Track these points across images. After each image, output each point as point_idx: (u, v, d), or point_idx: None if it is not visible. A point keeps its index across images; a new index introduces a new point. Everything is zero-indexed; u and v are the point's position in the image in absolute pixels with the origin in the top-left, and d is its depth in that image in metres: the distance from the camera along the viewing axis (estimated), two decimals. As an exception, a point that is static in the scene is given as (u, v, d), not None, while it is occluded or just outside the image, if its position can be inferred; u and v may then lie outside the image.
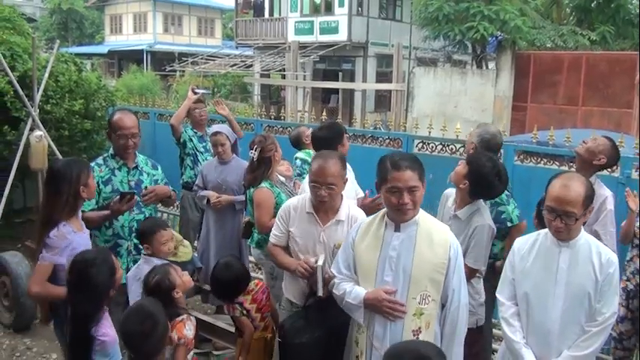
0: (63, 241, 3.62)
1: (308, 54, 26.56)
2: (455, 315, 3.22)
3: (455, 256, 3.22)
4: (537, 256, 3.31)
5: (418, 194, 3.18)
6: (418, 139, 7.04)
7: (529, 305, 3.30)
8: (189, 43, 42.21)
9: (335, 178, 3.65)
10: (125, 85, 23.47)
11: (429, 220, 3.33)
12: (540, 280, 3.27)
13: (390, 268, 3.23)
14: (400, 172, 3.14)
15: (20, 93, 6.95)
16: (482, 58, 21.29)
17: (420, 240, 3.22)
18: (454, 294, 3.21)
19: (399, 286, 3.20)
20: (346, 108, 25.88)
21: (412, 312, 3.19)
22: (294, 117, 11.61)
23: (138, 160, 4.72)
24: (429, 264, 3.19)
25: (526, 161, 6.32)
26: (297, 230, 3.87)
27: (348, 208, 3.85)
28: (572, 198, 3.09)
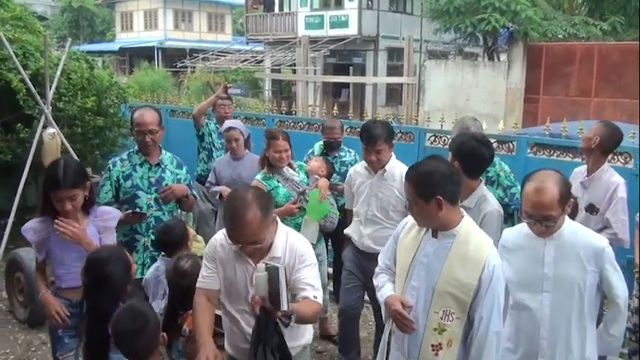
0: (32, 236, 3.68)
1: (318, 48, 26.53)
2: (482, 342, 2.93)
3: (488, 278, 2.91)
4: (523, 249, 3.28)
5: (415, 210, 3.07)
6: (430, 133, 7.02)
7: (517, 299, 3.28)
8: (200, 39, 42.23)
9: (255, 235, 2.97)
10: (137, 82, 23.48)
11: (472, 233, 3.07)
12: (527, 274, 3.24)
13: (419, 274, 3.08)
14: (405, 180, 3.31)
15: (33, 91, 7.00)
16: (493, 50, 21.17)
17: (453, 253, 3.00)
18: (482, 319, 2.92)
19: (422, 295, 3.05)
20: (357, 102, 25.81)
21: (433, 326, 3.01)
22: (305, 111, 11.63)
23: (162, 158, 4.72)
24: (456, 282, 2.96)
25: (539, 153, 6.30)
26: (224, 272, 3.24)
27: (286, 236, 3.21)
28: (548, 201, 3.03)
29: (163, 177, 4.67)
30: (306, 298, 3.08)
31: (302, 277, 3.13)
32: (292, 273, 3.11)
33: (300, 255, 3.17)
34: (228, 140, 5.87)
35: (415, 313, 3.07)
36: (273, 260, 3.05)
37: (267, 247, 3.12)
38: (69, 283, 3.73)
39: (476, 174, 4.11)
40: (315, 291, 3.12)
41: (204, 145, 6.72)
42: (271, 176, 5.06)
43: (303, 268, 3.15)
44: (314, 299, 3.08)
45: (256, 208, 2.93)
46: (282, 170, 5.09)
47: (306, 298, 3.07)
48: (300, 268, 3.14)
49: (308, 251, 3.23)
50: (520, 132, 8.16)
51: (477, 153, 4.05)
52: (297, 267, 3.14)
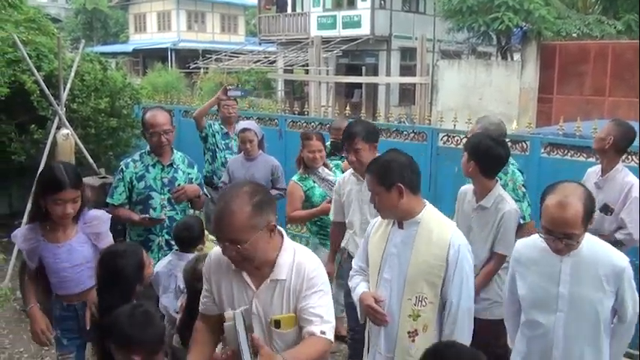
0: (21, 244, 3.62)
1: (331, 49, 26.53)
2: (454, 319, 3.06)
3: (455, 257, 3.04)
4: (537, 264, 3.06)
5: (377, 199, 3.17)
6: (443, 133, 6.99)
7: (530, 318, 3.10)
8: (213, 40, 42.32)
9: (236, 232, 2.50)
10: (150, 83, 23.58)
11: (434, 218, 3.18)
12: (541, 292, 3.03)
13: (390, 266, 3.19)
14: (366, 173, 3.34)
15: (47, 92, 7.05)
16: (507, 50, 21.09)
17: (418, 239, 3.11)
18: (453, 297, 3.05)
19: (395, 285, 3.16)
20: (370, 102, 25.79)
21: (407, 313, 3.12)
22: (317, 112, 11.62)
23: (174, 158, 4.74)
24: (426, 265, 3.08)
25: (553, 153, 6.24)
26: (219, 295, 2.80)
27: (293, 254, 2.71)
28: (570, 218, 2.77)
29: (176, 177, 4.68)
30: (312, 334, 2.64)
31: (309, 305, 2.65)
32: (299, 299, 2.66)
33: (310, 278, 2.67)
34: (243, 141, 5.90)
35: (389, 304, 3.17)
36: (277, 284, 2.67)
37: (268, 265, 2.66)
38: (63, 291, 3.69)
39: (492, 174, 4.11)
40: (323, 324, 2.64)
41: (208, 146, 6.74)
42: (307, 177, 5.18)
43: (312, 294, 2.66)
44: (321, 335, 2.63)
45: (246, 202, 2.50)
46: (317, 170, 5.18)
47: (312, 335, 2.64)
48: (308, 294, 2.66)
49: (319, 273, 2.73)
50: (534, 132, 8.10)
51: (494, 153, 4.04)
52: (305, 293, 2.66)
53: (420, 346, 3.04)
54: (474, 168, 4.05)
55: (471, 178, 4.19)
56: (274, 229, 2.62)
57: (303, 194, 5.17)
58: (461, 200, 4.36)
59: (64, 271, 3.61)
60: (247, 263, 2.62)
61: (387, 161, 3.19)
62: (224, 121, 6.75)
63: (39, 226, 3.58)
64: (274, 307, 2.68)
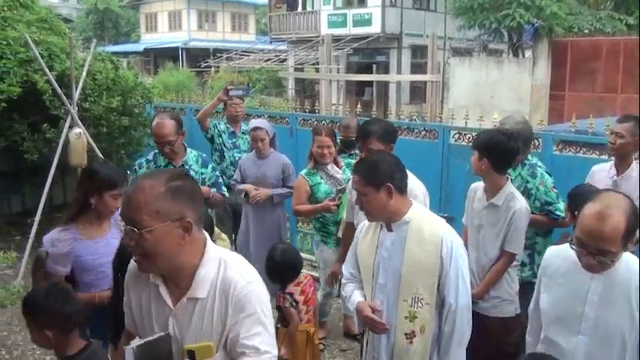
0: (56, 247, 3.60)
1: (341, 47, 26.51)
2: (453, 317, 3.01)
3: (449, 254, 2.98)
4: (565, 278, 2.72)
5: (365, 200, 3.06)
6: (455, 130, 6.97)
7: (549, 336, 2.80)
8: (224, 39, 42.36)
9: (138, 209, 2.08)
10: (161, 82, 23.66)
11: (423, 217, 3.12)
12: (565, 309, 2.70)
13: (384, 269, 3.12)
14: (352, 173, 3.14)
15: (59, 92, 7.09)
16: (518, 47, 21.01)
17: (409, 239, 3.05)
18: (450, 295, 2.99)
19: (391, 289, 3.10)
20: (381, 100, 25.75)
21: (404, 315, 3.06)
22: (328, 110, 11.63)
23: (187, 158, 4.77)
24: (419, 264, 3.01)
25: (565, 151, 6.21)
26: (138, 311, 2.34)
27: (218, 268, 2.22)
28: (609, 233, 2.40)
29: None
30: None
31: (241, 334, 2.16)
32: (228, 326, 2.17)
33: (239, 299, 2.16)
34: (254, 140, 5.90)
35: (386, 308, 3.11)
36: (196, 303, 2.19)
37: (187, 277, 2.19)
38: (97, 289, 3.70)
39: (505, 169, 4.07)
40: (259, 357, 2.17)
41: (215, 146, 6.72)
42: (315, 172, 5.20)
43: (244, 320, 2.16)
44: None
45: (162, 182, 2.11)
46: (327, 167, 5.19)
47: None
48: (239, 319, 2.16)
49: (254, 293, 2.20)
50: (546, 129, 8.06)
51: (506, 147, 3.99)
52: (235, 318, 2.16)
53: (418, 347, 3.05)
54: (486, 165, 3.98)
55: (483, 176, 4.12)
56: (190, 229, 2.12)
57: (309, 189, 5.19)
58: (471, 198, 4.31)
59: (102, 266, 3.63)
60: (149, 264, 2.15)
61: (374, 161, 3.15)
62: (230, 120, 6.75)
63: (72, 226, 3.62)
64: (193, 333, 2.20)
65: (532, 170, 4.54)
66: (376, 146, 4.08)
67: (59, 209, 8.23)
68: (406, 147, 7.05)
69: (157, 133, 4.57)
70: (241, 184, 5.92)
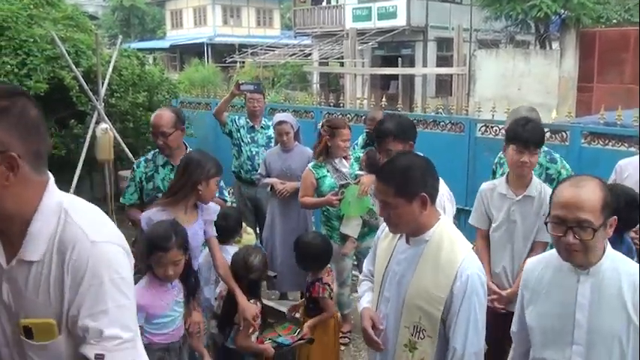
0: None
1: (366, 40, 26.43)
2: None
3: (462, 290, 2.52)
4: (550, 286, 2.50)
5: (394, 212, 2.61)
6: (481, 123, 6.92)
7: (539, 355, 2.53)
8: (249, 35, 42.46)
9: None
10: (187, 78, 23.78)
11: (445, 238, 2.66)
12: (554, 320, 2.46)
13: (391, 284, 2.77)
14: (377, 181, 2.72)
15: (85, 88, 7.15)
16: (545, 38, 20.77)
17: (423, 262, 2.64)
18: (458, 342, 2.53)
19: (394, 307, 2.74)
20: (406, 94, 25.63)
21: (403, 342, 2.69)
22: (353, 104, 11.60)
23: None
24: (425, 293, 2.60)
25: (593, 143, 6.14)
26: None
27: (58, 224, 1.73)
28: (587, 199, 2.27)
29: None
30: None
31: (82, 313, 1.69)
32: (70, 302, 1.70)
33: (77, 266, 1.68)
34: (279, 134, 5.91)
35: (387, 326, 2.79)
36: (30, 267, 1.71)
37: (17, 231, 1.70)
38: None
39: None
40: (103, 342, 1.69)
41: (233, 141, 6.73)
42: (322, 165, 5.16)
43: (86, 292, 1.68)
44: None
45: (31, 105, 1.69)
46: (334, 160, 5.15)
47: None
48: (79, 292, 1.68)
49: (98, 257, 1.71)
50: (574, 121, 7.97)
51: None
52: (74, 290, 1.69)
53: None
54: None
55: (511, 169, 3.99)
56: (16, 166, 1.62)
57: (315, 182, 5.16)
58: (487, 197, 4.12)
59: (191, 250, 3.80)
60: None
61: (406, 167, 2.65)
62: (250, 114, 6.75)
63: (169, 209, 3.75)
64: (29, 305, 1.73)
65: (550, 156, 4.50)
66: (394, 147, 3.77)
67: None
68: (432, 140, 7.03)
69: (153, 123, 4.44)
70: (267, 179, 5.93)
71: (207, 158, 3.83)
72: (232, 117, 6.76)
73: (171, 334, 3.51)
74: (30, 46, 7.46)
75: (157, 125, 4.36)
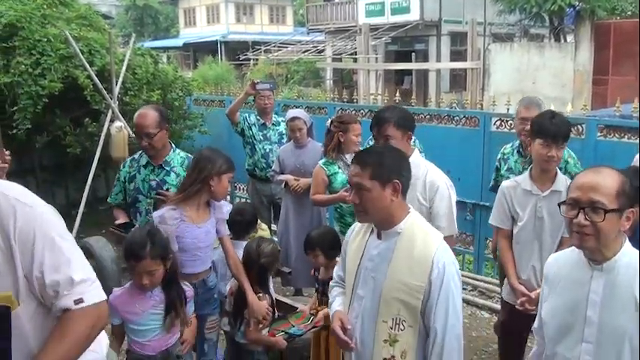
0: (165, 224, 3.67)
1: (379, 36, 26.37)
2: (440, 350, 2.59)
3: (439, 277, 2.57)
4: (565, 281, 2.48)
5: (366, 196, 2.64)
6: (496, 117, 6.87)
7: (552, 351, 2.51)
8: (262, 32, 42.49)
9: None
10: (201, 76, 23.86)
11: (417, 230, 2.70)
12: (566, 315, 2.43)
13: (365, 281, 2.75)
14: (352, 166, 2.74)
15: (99, 86, 7.18)
16: (560, 31, 20.62)
17: (397, 254, 2.66)
18: (438, 325, 2.57)
19: (369, 304, 2.73)
20: (420, 89, 25.51)
21: (383, 337, 2.67)
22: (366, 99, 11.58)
23: (171, 158, 4.42)
24: (404, 285, 2.61)
25: (609, 136, 6.08)
26: None
27: None
28: (601, 183, 2.26)
29: (166, 180, 4.37)
30: (66, 310, 1.89)
31: (46, 271, 1.85)
32: (26, 268, 1.85)
33: (22, 230, 1.83)
34: (292, 130, 5.93)
35: (362, 324, 2.77)
36: None
37: None
38: (188, 269, 3.84)
39: None
40: (76, 287, 1.90)
41: (246, 139, 6.74)
42: (333, 162, 5.13)
43: (41, 252, 1.85)
44: (78, 306, 1.90)
45: None
46: (345, 157, 5.13)
47: (67, 312, 1.89)
48: (33, 253, 1.84)
49: (39, 218, 1.89)
50: (589, 114, 7.90)
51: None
52: (26, 254, 1.84)
53: None
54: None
55: (538, 164, 3.89)
56: None
57: (327, 179, 5.13)
58: (510, 195, 4.00)
59: (199, 250, 3.84)
60: None
61: (383, 154, 2.76)
62: (260, 112, 6.75)
63: (181, 207, 3.74)
64: None
65: None
66: (393, 133, 3.76)
67: (102, 201, 8.38)
68: (446, 135, 7.01)
69: (136, 124, 4.30)
70: (281, 175, 5.94)
71: (218, 155, 3.82)
72: (243, 115, 6.77)
73: (146, 344, 3.42)
74: (44, 45, 7.48)
75: (140, 126, 4.23)
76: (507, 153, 4.87)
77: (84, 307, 1.89)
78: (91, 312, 1.91)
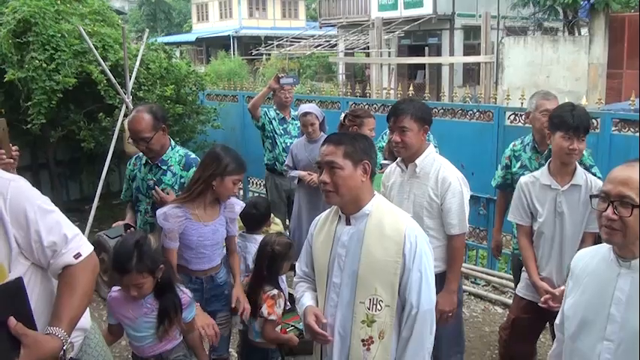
0: (167, 223, 3.66)
1: (392, 30, 26.26)
2: (412, 321, 2.67)
3: (412, 251, 2.65)
4: (591, 276, 2.41)
5: (338, 174, 2.69)
6: (510, 111, 6.84)
7: (573, 345, 2.44)
8: (274, 26, 42.59)
9: None
10: (214, 71, 23.91)
11: (385, 210, 2.78)
12: (590, 311, 2.36)
13: (339, 267, 2.78)
14: (323, 146, 2.78)
15: (113, 81, 7.20)
16: (574, 24, 20.47)
17: (368, 235, 2.72)
18: (413, 298, 2.65)
19: (345, 289, 2.76)
20: (433, 83, 25.47)
21: (361, 318, 2.72)
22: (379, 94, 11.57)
23: (169, 157, 4.28)
24: (378, 263, 2.68)
25: (624, 130, 6.03)
26: None
27: None
28: (632, 178, 2.21)
29: (162, 179, 4.25)
30: (67, 266, 2.18)
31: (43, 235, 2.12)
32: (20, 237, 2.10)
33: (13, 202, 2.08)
34: (304, 125, 5.94)
35: (340, 311, 2.78)
36: None
37: None
38: (195, 266, 3.86)
39: None
40: (71, 243, 2.20)
41: (266, 134, 6.75)
42: None
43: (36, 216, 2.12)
44: (77, 259, 2.20)
45: None
46: None
47: (68, 268, 2.18)
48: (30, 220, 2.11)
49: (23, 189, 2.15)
50: (604, 108, 7.85)
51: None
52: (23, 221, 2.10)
53: (376, 355, 2.73)
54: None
55: (556, 159, 3.83)
56: None
57: None
58: (528, 191, 3.94)
59: (205, 248, 3.82)
60: None
61: (354, 136, 2.87)
62: (279, 106, 6.76)
63: (186, 205, 3.72)
64: None
65: None
66: (409, 125, 3.68)
67: (116, 195, 8.43)
68: (460, 129, 6.98)
69: (130, 129, 4.15)
70: (294, 171, 5.96)
71: (227, 154, 3.74)
72: (263, 109, 6.78)
73: (140, 349, 3.41)
74: (58, 41, 7.52)
75: (135, 131, 4.09)
76: (518, 150, 4.76)
77: (83, 260, 2.17)
78: (89, 262, 2.21)
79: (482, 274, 6.74)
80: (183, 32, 47.88)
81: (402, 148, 3.74)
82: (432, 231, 3.72)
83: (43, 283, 2.18)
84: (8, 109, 7.75)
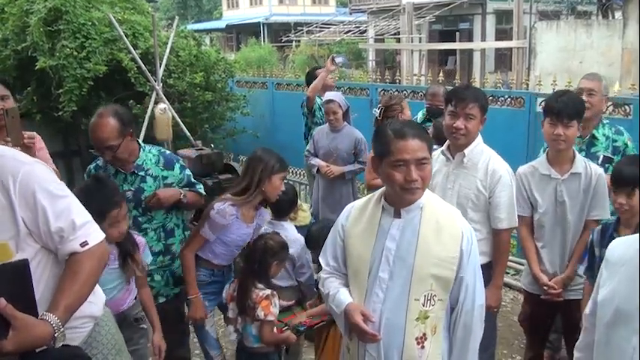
0: (222, 219, 3.67)
1: (423, 15, 26.03)
2: (469, 318, 2.60)
3: (468, 248, 2.58)
4: (627, 265, 2.23)
5: (428, 169, 2.55)
6: (541, 97, 6.74)
7: (602, 338, 2.29)
8: (304, 13, 42.40)
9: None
10: (244, 58, 23.94)
11: (437, 203, 2.68)
12: (626, 301, 2.17)
13: (387, 262, 2.60)
14: (406, 142, 2.51)
15: (143, 69, 7.25)
16: (608, 7, 20.11)
17: (424, 229, 2.58)
18: (468, 293, 2.59)
19: (397, 285, 2.59)
20: (464, 69, 25.18)
21: (415, 316, 2.57)
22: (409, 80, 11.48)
23: (143, 161, 3.83)
24: (436, 259, 2.56)
25: (658, 116, 5.92)
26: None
27: None
28: None
29: (143, 187, 3.82)
30: (73, 254, 2.16)
31: (51, 220, 2.11)
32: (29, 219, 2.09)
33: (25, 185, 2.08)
34: (327, 112, 5.89)
35: (388, 307, 2.61)
36: None
37: None
38: (221, 260, 3.89)
39: None
40: (79, 231, 2.17)
41: (315, 120, 6.68)
42: None
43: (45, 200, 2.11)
44: (84, 248, 2.17)
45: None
46: None
47: (74, 255, 2.16)
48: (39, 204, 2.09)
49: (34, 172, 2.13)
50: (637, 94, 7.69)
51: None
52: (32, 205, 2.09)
53: (430, 351, 2.62)
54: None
55: (556, 148, 3.78)
56: None
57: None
58: (527, 182, 3.91)
59: (237, 248, 3.90)
60: None
61: (420, 127, 2.72)
62: (323, 90, 6.67)
63: (239, 205, 3.74)
64: None
65: (616, 128, 4.36)
66: (476, 113, 3.57)
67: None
68: (491, 116, 6.80)
69: (93, 138, 3.61)
70: (314, 159, 5.95)
71: (269, 155, 3.79)
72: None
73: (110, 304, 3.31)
74: (88, 29, 7.59)
75: (99, 140, 3.58)
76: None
77: (90, 248, 2.15)
78: (96, 250, 2.17)
79: (512, 262, 6.68)
80: (214, 19, 47.97)
81: (463, 135, 3.60)
82: (474, 224, 3.48)
83: (53, 268, 2.18)
84: (40, 97, 7.85)
